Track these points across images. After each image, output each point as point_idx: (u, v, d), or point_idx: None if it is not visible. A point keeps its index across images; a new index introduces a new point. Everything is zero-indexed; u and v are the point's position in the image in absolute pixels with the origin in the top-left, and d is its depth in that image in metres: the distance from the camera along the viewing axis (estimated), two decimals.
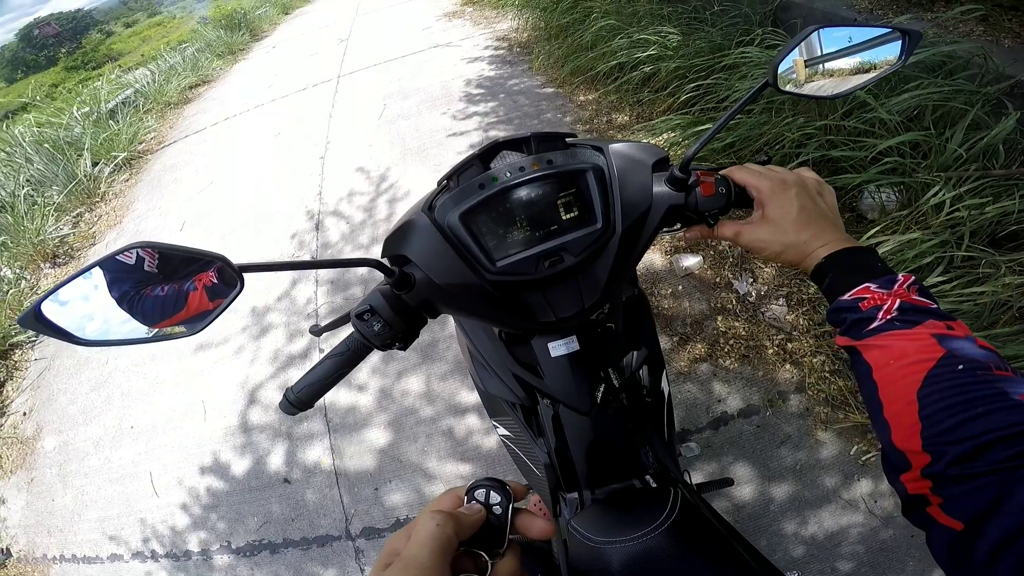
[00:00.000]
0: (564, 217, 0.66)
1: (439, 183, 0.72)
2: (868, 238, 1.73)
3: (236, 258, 0.49)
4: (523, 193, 0.65)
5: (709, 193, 0.68)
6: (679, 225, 0.77)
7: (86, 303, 0.49)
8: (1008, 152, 1.77)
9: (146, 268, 0.50)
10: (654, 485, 0.77)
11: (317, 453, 1.98)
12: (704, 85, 2.60)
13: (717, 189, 0.69)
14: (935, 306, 0.47)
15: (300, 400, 0.66)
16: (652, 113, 2.90)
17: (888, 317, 0.46)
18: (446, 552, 0.34)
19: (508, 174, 0.66)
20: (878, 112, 1.89)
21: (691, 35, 2.94)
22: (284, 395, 0.68)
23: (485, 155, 0.71)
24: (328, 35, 6.99)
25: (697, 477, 1.59)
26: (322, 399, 2.08)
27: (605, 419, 0.76)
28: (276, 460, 2.01)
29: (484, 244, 0.65)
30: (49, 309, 0.47)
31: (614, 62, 3.10)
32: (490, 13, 5.56)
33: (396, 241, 0.70)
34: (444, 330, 2.22)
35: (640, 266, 2.18)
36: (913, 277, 0.49)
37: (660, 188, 0.69)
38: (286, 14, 9.98)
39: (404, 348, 0.69)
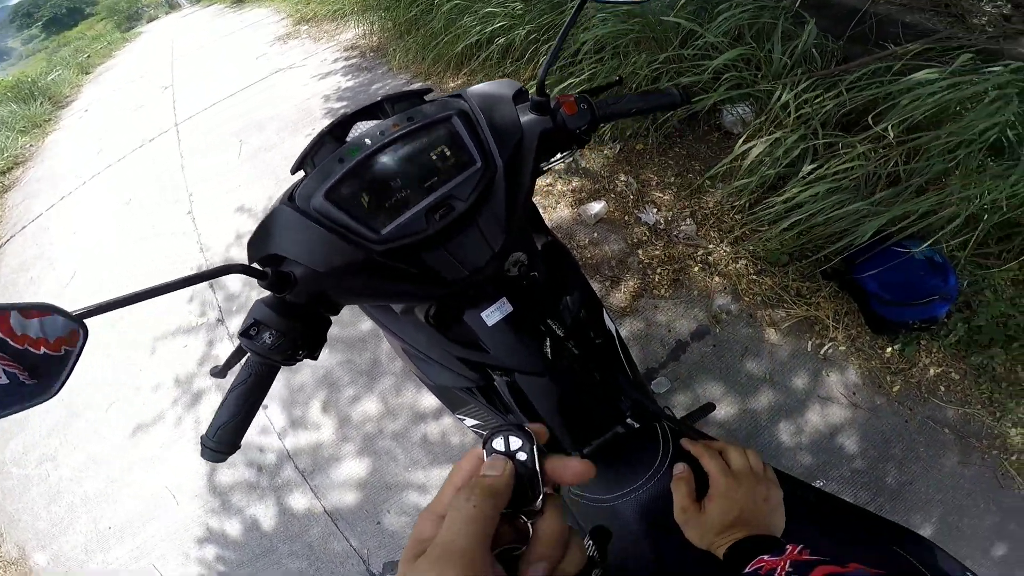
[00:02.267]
0: (442, 168, 0.63)
1: (292, 171, 0.67)
2: (740, 146, 1.91)
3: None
4: (390, 156, 0.61)
5: (573, 111, 0.72)
6: (559, 154, 0.80)
7: None
8: (822, 56, 2.03)
9: None
10: (637, 426, 0.75)
11: (304, 503, 1.87)
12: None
13: (579, 107, 0.73)
14: (828, 559, 0.50)
15: (221, 443, 0.59)
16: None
17: (783, 574, 0.49)
18: (488, 533, 0.31)
19: (368, 141, 0.61)
20: (706, 36, 2.09)
21: (531, 1, 3.04)
22: (201, 443, 0.59)
23: (337, 130, 0.67)
24: (147, 85, 6.28)
25: (678, 412, 1.62)
26: (281, 447, 1.99)
27: (563, 373, 0.73)
28: (268, 521, 1.89)
29: (361, 217, 0.60)
30: None
31: (470, 40, 3.12)
32: (329, 27, 5.31)
33: (260, 241, 0.62)
34: (380, 346, 2.16)
35: (551, 223, 2.26)
36: (802, 545, 0.51)
37: (526, 117, 0.71)
38: (87, 74, 8.81)
39: (314, 356, 0.63)
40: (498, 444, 0.37)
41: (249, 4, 8.18)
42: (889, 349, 1.68)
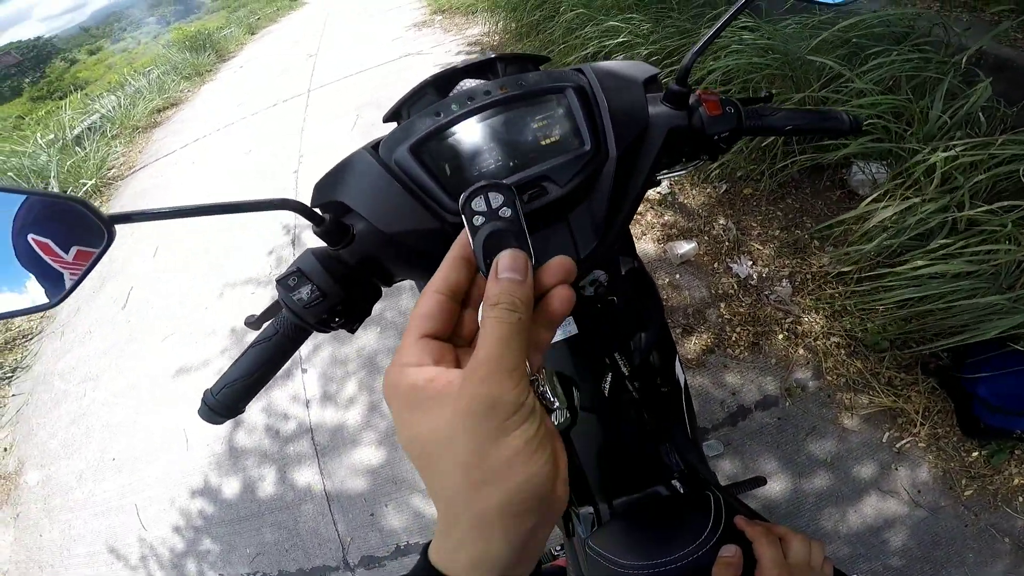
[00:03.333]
0: (543, 144, 0.53)
1: (384, 119, 0.61)
2: (865, 205, 1.67)
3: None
4: (490, 120, 0.53)
5: (715, 112, 0.59)
6: (683, 162, 0.67)
7: None
8: (988, 120, 1.74)
9: None
10: (683, 491, 0.65)
11: (307, 477, 1.87)
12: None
13: (724, 109, 0.59)
14: None
15: (222, 404, 0.53)
16: None
17: None
18: (526, 338, 0.29)
19: (470, 100, 0.53)
20: (855, 83, 1.85)
21: (660, 22, 2.90)
22: (202, 399, 0.54)
23: (440, 83, 0.59)
24: (296, 51, 6.89)
25: (722, 479, 1.50)
26: (306, 418, 2.01)
27: (616, 414, 0.64)
28: (265, 487, 1.91)
29: (442, 180, 0.52)
30: None
31: (586, 52, 3.04)
32: (460, 20, 5.51)
33: (328, 186, 0.56)
34: None
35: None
36: None
37: (656, 108, 0.59)
38: (252, 34, 9.85)
39: (351, 328, 0.55)
40: (478, 204, 0.34)
41: None
42: (975, 453, 1.46)
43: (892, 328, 1.59)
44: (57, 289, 0.41)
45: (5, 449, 2.50)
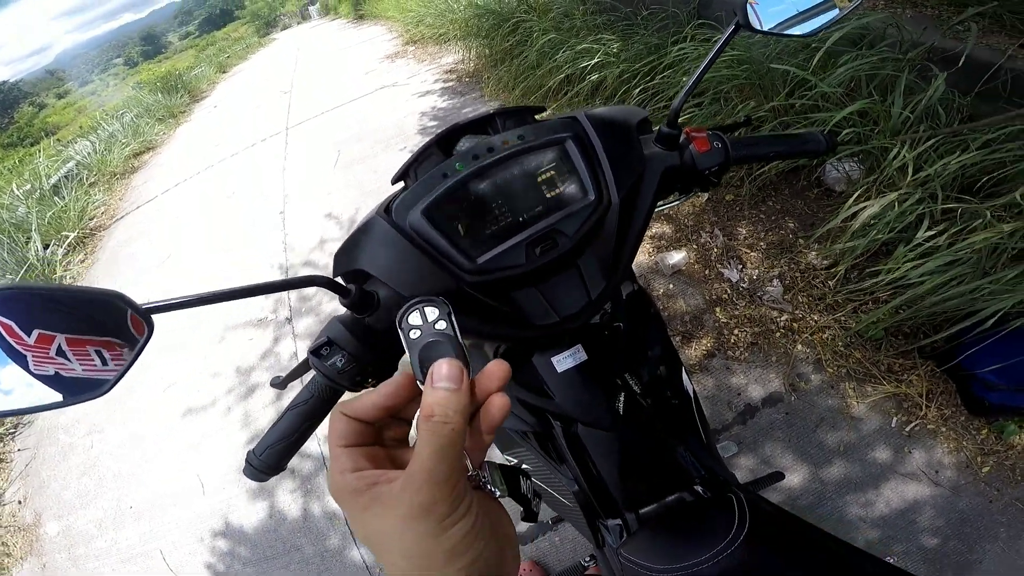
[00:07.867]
0: (549, 196, 0.57)
1: (393, 181, 0.63)
2: (847, 209, 1.74)
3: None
4: (496, 177, 0.56)
5: (704, 149, 0.63)
6: (676, 194, 0.72)
7: None
8: (947, 111, 1.83)
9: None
10: (706, 495, 0.68)
11: (328, 512, 1.87)
12: (651, 86, 2.63)
13: (712, 144, 0.64)
14: None
15: (266, 464, 0.55)
16: None
17: None
18: (461, 448, 0.30)
19: (474, 158, 0.56)
20: (820, 87, 1.94)
21: (628, 39, 3.00)
22: (247, 460, 0.55)
23: (444, 142, 0.63)
24: (270, 89, 6.93)
25: (741, 477, 1.53)
26: (320, 453, 2.01)
27: (633, 430, 0.67)
28: (286, 525, 1.89)
29: (457, 241, 0.55)
30: None
31: (562, 75, 3.13)
32: (433, 49, 5.61)
33: (348, 254, 0.59)
34: None
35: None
36: None
37: (650, 150, 0.63)
38: (223, 72, 9.89)
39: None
40: (414, 319, 0.36)
41: (368, 20, 8.88)
42: (985, 431, 1.50)
43: (885, 318, 1.65)
44: (23, 373, 0.36)
45: (19, 502, 2.44)
